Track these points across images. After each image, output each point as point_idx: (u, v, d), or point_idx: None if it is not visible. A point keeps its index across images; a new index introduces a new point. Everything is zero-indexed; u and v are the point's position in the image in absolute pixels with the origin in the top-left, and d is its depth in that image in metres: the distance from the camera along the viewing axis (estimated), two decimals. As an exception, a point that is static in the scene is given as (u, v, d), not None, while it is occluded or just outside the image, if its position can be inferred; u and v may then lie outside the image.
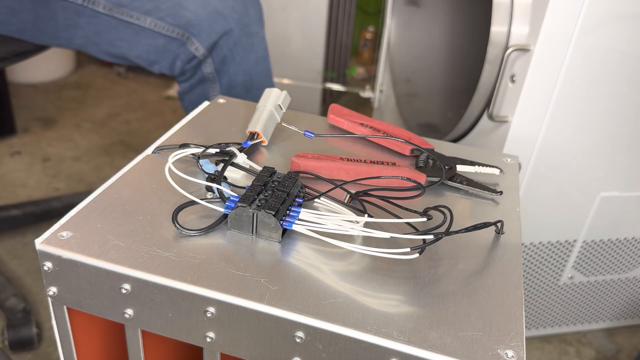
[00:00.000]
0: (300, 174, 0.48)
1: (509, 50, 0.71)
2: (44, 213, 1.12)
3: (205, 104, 0.62)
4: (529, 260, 0.90)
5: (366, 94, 1.28)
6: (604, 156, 0.81)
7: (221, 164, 0.48)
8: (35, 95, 1.72)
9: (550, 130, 0.75)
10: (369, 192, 0.46)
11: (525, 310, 0.71)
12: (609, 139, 0.79)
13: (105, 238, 0.39)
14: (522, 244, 0.86)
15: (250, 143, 0.52)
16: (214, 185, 0.44)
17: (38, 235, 0.40)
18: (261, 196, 0.41)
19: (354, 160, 0.51)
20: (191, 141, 0.51)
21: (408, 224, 0.43)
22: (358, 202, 0.45)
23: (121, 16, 0.74)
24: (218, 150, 0.49)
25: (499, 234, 0.45)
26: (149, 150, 0.51)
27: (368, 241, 0.42)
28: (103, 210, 0.42)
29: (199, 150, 0.49)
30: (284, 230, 0.42)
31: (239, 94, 0.82)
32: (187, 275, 0.37)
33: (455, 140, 0.88)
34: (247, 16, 0.79)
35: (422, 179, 0.50)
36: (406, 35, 1.10)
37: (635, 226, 0.90)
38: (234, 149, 0.50)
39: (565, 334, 1.03)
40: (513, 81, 0.73)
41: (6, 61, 0.82)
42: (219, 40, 0.78)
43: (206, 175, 0.47)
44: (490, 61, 0.75)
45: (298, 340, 0.35)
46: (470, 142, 0.84)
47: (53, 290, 0.40)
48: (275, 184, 0.43)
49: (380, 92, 1.20)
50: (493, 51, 0.74)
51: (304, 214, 0.41)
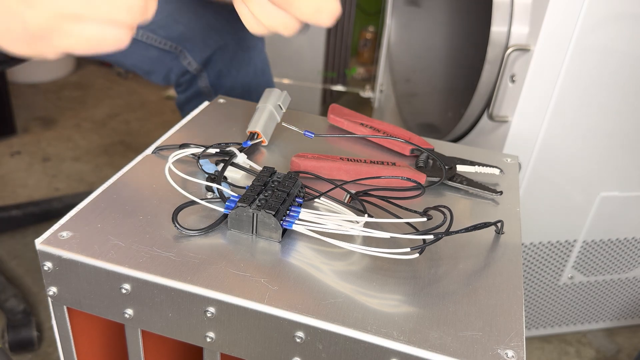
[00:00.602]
0: (300, 174, 0.48)
1: (509, 50, 0.71)
2: (44, 213, 1.12)
3: (205, 104, 0.62)
4: (529, 260, 0.90)
5: (366, 94, 1.28)
6: (604, 156, 0.81)
7: (221, 164, 0.48)
8: (35, 95, 1.72)
9: (550, 130, 0.75)
10: (369, 192, 0.46)
11: (525, 310, 0.71)
12: (609, 138, 0.79)
13: (105, 238, 0.39)
14: (522, 244, 0.86)
15: (250, 143, 0.52)
16: (214, 185, 0.44)
17: (38, 235, 0.40)
18: (261, 196, 0.41)
19: (354, 160, 0.51)
20: (191, 141, 0.51)
21: (408, 224, 0.43)
22: (358, 202, 0.45)
23: None
24: (218, 150, 0.49)
25: (499, 234, 0.45)
26: (149, 150, 0.51)
27: (368, 241, 0.42)
28: (103, 210, 0.42)
29: (199, 150, 0.49)
30: (284, 230, 0.42)
31: None
32: (187, 275, 0.37)
33: (455, 140, 0.88)
34: (243, 29, 0.78)
35: (422, 179, 0.50)
36: (406, 35, 1.10)
37: (635, 226, 0.90)
38: (234, 149, 0.50)
39: (565, 334, 1.03)
40: (513, 81, 0.73)
41: (5, 64, 0.82)
42: (213, 55, 0.76)
43: (206, 175, 0.47)
44: (490, 61, 0.75)
45: (298, 340, 0.35)
46: (470, 142, 0.84)
47: (53, 290, 0.40)
48: (275, 184, 0.43)
49: (380, 92, 1.20)
50: (493, 51, 0.74)
51: (304, 214, 0.41)
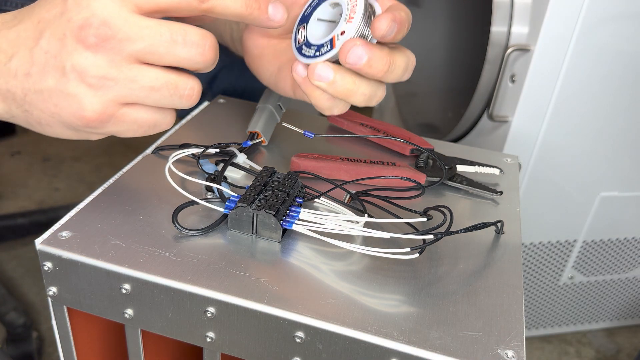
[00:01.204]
0: (300, 174, 0.48)
1: (509, 50, 0.71)
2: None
3: (205, 103, 0.62)
4: (529, 260, 0.90)
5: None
6: (604, 156, 0.81)
7: (221, 164, 0.48)
8: (35, 95, 1.72)
9: (550, 130, 0.75)
10: (369, 192, 0.46)
11: (525, 310, 0.71)
12: (609, 138, 0.79)
13: (105, 238, 0.39)
14: (522, 244, 0.86)
15: (250, 143, 0.52)
16: (214, 185, 0.44)
17: (38, 235, 0.40)
18: (261, 196, 0.41)
19: (354, 160, 0.51)
20: (191, 141, 0.51)
21: (408, 224, 0.43)
22: (358, 202, 0.45)
23: None
24: (218, 150, 0.49)
25: (499, 234, 0.45)
26: (149, 150, 0.51)
27: (368, 241, 0.42)
28: (103, 210, 0.42)
29: (199, 150, 0.49)
30: (284, 230, 0.42)
31: None
32: (187, 275, 0.37)
33: (455, 140, 0.88)
34: None
35: (422, 179, 0.50)
36: (406, 35, 1.10)
37: (635, 226, 0.90)
38: (234, 149, 0.50)
39: (565, 334, 1.03)
40: (513, 81, 0.73)
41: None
42: (219, 74, 0.76)
43: (206, 175, 0.47)
44: (490, 61, 0.75)
45: (298, 340, 0.35)
46: (470, 142, 0.84)
47: (53, 290, 0.40)
48: (275, 184, 0.43)
49: (380, 92, 1.20)
50: (493, 51, 0.74)
51: (304, 214, 0.41)
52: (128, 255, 0.38)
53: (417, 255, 0.39)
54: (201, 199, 0.43)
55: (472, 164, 0.54)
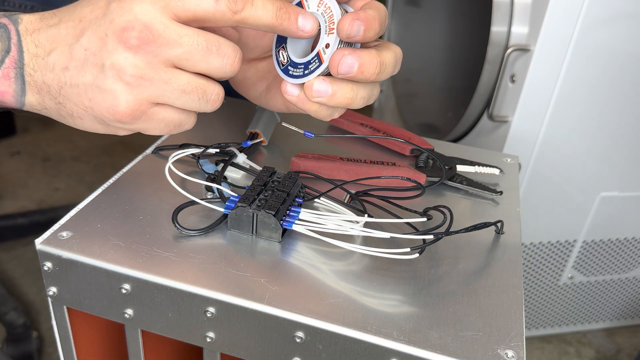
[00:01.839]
0: (300, 174, 0.48)
1: (509, 50, 0.71)
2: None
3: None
4: (529, 260, 0.90)
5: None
6: (604, 156, 0.81)
7: (221, 164, 0.48)
8: (35, 95, 1.72)
9: (550, 130, 0.75)
10: (369, 192, 0.46)
11: (525, 310, 0.71)
12: (609, 139, 0.79)
13: (105, 238, 0.39)
14: (522, 244, 0.86)
15: (250, 143, 0.52)
16: (214, 185, 0.44)
17: (38, 235, 0.40)
18: (261, 196, 0.41)
19: (354, 160, 0.51)
20: (191, 141, 0.51)
21: (408, 224, 0.43)
22: (358, 202, 0.45)
23: None
24: (218, 150, 0.49)
25: (499, 234, 0.45)
26: (149, 150, 0.51)
27: (368, 241, 0.42)
28: (103, 210, 0.42)
29: (199, 150, 0.49)
30: (284, 230, 0.42)
31: None
32: (187, 275, 0.37)
33: (455, 140, 0.88)
34: None
35: (422, 179, 0.50)
36: (406, 35, 1.10)
37: (635, 226, 0.90)
38: (234, 149, 0.50)
39: (565, 334, 1.03)
40: (513, 81, 0.73)
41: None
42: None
43: (206, 175, 0.47)
44: (490, 61, 0.75)
45: (298, 340, 0.35)
46: (470, 142, 0.84)
47: (53, 290, 0.40)
48: (275, 184, 0.43)
49: (380, 92, 1.20)
50: (493, 51, 0.75)
51: (304, 214, 0.41)
52: (128, 255, 0.38)
53: (417, 255, 0.39)
54: (201, 199, 0.43)
55: (472, 164, 0.54)
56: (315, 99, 0.38)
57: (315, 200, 0.45)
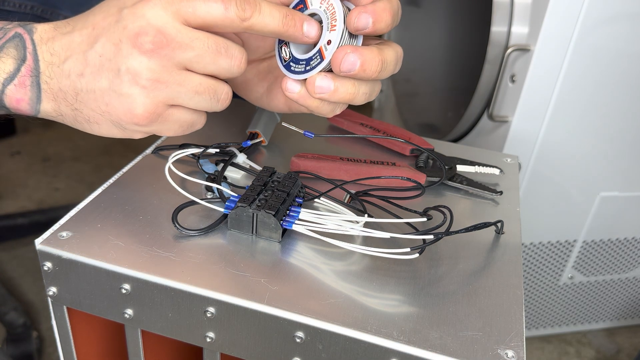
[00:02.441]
0: (300, 174, 0.48)
1: (509, 50, 0.71)
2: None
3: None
4: (529, 260, 0.90)
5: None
6: (604, 156, 0.81)
7: (221, 164, 0.48)
8: (35, 95, 1.72)
9: (550, 130, 0.75)
10: (369, 192, 0.46)
11: (525, 310, 0.71)
12: (609, 138, 0.79)
13: (105, 238, 0.39)
14: (522, 244, 0.86)
15: (250, 143, 0.52)
16: (214, 185, 0.44)
17: (38, 235, 0.40)
18: (261, 196, 0.41)
19: (354, 160, 0.51)
20: (191, 141, 0.51)
21: (408, 224, 0.43)
22: (358, 202, 0.45)
23: None
24: (218, 150, 0.49)
25: (499, 234, 0.45)
26: (149, 150, 0.51)
27: (368, 241, 0.42)
28: (103, 210, 0.42)
29: (199, 150, 0.49)
30: (284, 230, 0.42)
31: None
32: (187, 275, 0.37)
33: (455, 140, 0.88)
34: None
35: (422, 179, 0.50)
36: (406, 35, 1.10)
37: (635, 226, 0.90)
38: (234, 149, 0.50)
39: (565, 334, 1.03)
40: (513, 81, 0.73)
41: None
42: None
43: (206, 175, 0.47)
44: (490, 61, 0.75)
45: (298, 340, 0.35)
46: (470, 142, 0.84)
47: (53, 290, 0.40)
48: (275, 184, 0.43)
49: (381, 92, 1.20)
50: (493, 51, 0.75)
51: (304, 214, 0.41)
52: (128, 255, 0.38)
53: (417, 255, 0.39)
54: (201, 199, 0.43)
55: (472, 164, 0.54)
56: (317, 95, 0.39)
57: (315, 200, 0.45)
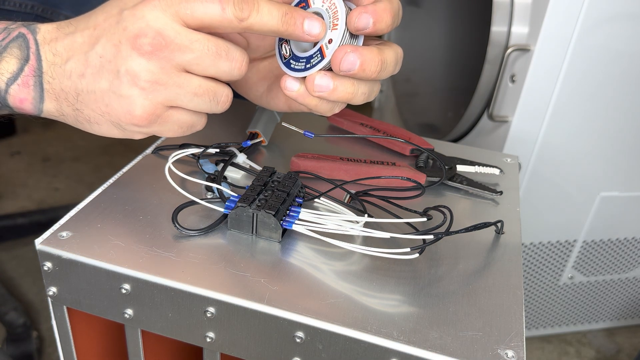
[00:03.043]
0: (300, 174, 0.48)
1: (509, 50, 0.71)
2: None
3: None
4: (529, 260, 0.90)
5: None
6: (604, 156, 0.81)
7: (221, 164, 0.48)
8: (35, 95, 1.72)
9: (550, 130, 0.75)
10: (369, 192, 0.46)
11: (525, 310, 0.71)
12: (609, 139, 0.79)
13: (105, 238, 0.39)
14: (522, 244, 0.86)
15: (250, 143, 0.52)
16: (214, 185, 0.44)
17: (38, 235, 0.40)
18: (261, 196, 0.41)
19: (354, 160, 0.51)
20: (191, 141, 0.51)
21: (408, 224, 0.43)
22: (358, 202, 0.45)
23: None
24: (218, 150, 0.49)
25: (499, 234, 0.45)
26: (149, 150, 0.51)
27: (368, 241, 0.42)
28: (103, 210, 0.42)
29: (199, 150, 0.49)
30: (284, 230, 0.42)
31: None
32: (187, 275, 0.37)
33: (455, 140, 0.88)
34: None
35: (422, 179, 0.50)
36: (406, 35, 1.10)
37: (635, 226, 0.90)
38: (234, 149, 0.50)
39: (565, 334, 1.03)
40: (513, 81, 0.73)
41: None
42: None
43: (206, 175, 0.47)
44: (490, 61, 0.75)
45: (298, 340, 0.35)
46: (470, 142, 0.84)
47: (53, 290, 0.40)
48: (275, 184, 0.43)
49: (380, 92, 1.20)
50: (493, 51, 0.75)
51: (304, 214, 0.41)
52: (128, 255, 0.38)
53: (417, 255, 0.39)
54: (201, 199, 0.43)
55: (472, 164, 0.54)
56: (316, 93, 0.39)
57: (315, 200, 0.45)
